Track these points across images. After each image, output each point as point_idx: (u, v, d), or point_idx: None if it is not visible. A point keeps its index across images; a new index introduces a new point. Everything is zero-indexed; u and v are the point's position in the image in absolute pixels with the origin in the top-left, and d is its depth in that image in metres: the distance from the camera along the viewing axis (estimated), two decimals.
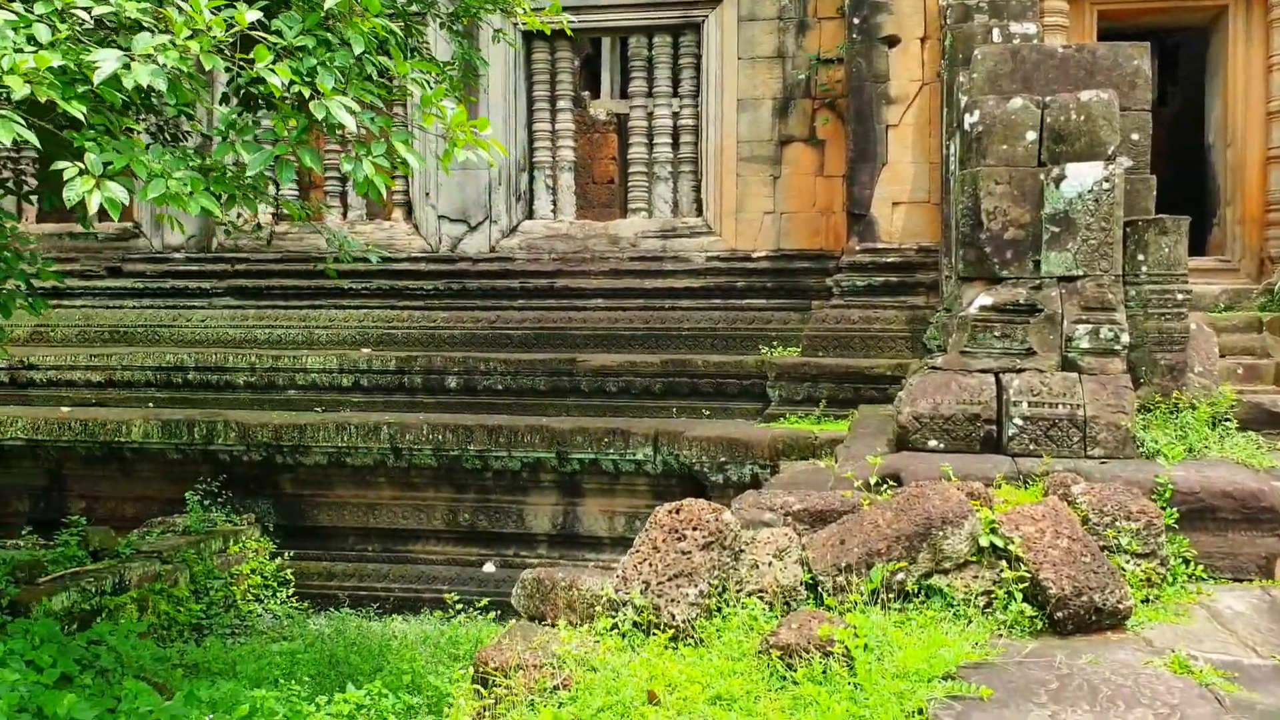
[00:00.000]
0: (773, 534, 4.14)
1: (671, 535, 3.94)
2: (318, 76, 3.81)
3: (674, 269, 10.48)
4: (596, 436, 9.22)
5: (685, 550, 3.89)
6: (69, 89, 3.36)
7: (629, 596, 3.84)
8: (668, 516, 4.02)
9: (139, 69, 3.30)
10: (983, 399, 5.91)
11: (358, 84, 4.04)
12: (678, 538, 3.93)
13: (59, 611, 7.40)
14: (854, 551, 4.05)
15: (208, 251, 11.33)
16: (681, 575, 3.84)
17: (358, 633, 8.54)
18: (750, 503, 4.39)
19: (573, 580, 4.03)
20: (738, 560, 4.01)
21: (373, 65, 4.14)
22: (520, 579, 4.25)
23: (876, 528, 4.09)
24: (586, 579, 4.03)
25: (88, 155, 3.43)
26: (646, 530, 4.02)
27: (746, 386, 9.80)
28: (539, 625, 4.06)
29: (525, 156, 10.94)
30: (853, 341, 9.59)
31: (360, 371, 10.33)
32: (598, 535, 9.44)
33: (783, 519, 4.32)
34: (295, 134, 4.05)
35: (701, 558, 3.89)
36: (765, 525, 4.27)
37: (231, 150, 3.98)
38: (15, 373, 10.90)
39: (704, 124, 10.56)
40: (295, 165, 4.22)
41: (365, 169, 4.09)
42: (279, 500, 9.91)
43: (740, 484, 8.70)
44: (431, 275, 10.78)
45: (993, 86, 6.36)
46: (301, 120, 4.05)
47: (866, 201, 9.88)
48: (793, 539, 4.14)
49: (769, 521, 4.28)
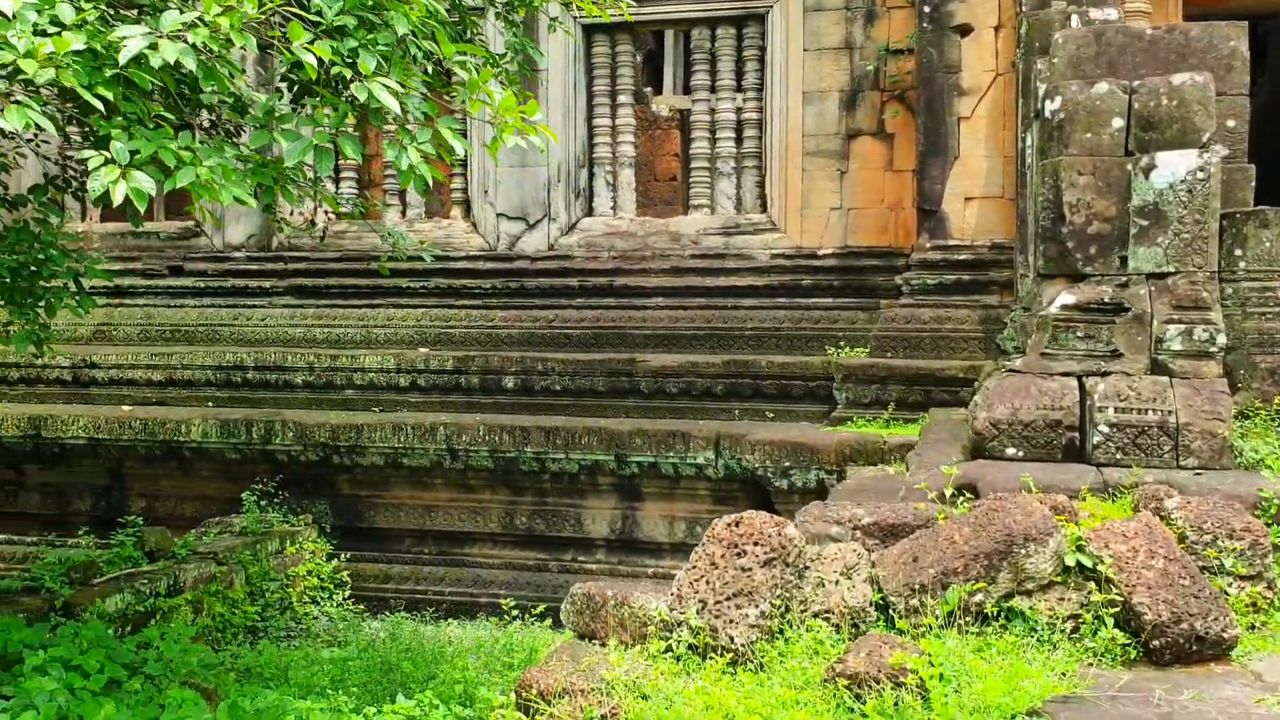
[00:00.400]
0: (840, 550, 3.85)
1: (730, 551, 3.67)
2: (359, 58, 3.59)
3: (737, 267, 10.19)
4: (656, 439, 8.97)
5: (745, 567, 3.62)
6: (96, 74, 3.19)
7: (684, 617, 3.58)
8: (726, 530, 3.75)
9: (166, 46, 3.10)
10: (1064, 404, 5.54)
11: (401, 65, 3.81)
12: (737, 554, 3.66)
13: (113, 613, 7.32)
14: (928, 570, 3.75)
15: (268, 250, 11.27)
16: (741, 594, 3.57)
17: (412, 637, 8.37)
18: (816, 515, 4.10)
19: (624, 597, 3.78)
20: (802, 578, 3.73)
21: (416, 48, 3.90)
22: (570, 594, 4.01)
23: (952, 544, 3.78)
24: (639, 596, 3.78)
25: (113, 144, 3.25)
26: (703, 545, 3.75)
27: (812, 388, 9.48)
28: (588, 644, 3.82)
29: (585, 153, 10.72)
30: (923, 342, 9.23)
31: (417, 371, 10.18)
32: (657, 541, 9.19)
33: (851, 533, 4.03)
34: (336, 120, 3.84)
35: (763, 575, 3.62)
36: (832, 540, 3.98)
37: (269, 138, 3.78)
38: (78, 371, 10.93)
39: (768, 118, 10.25)
40: (336, 155, 3.98)
41: (410, 157, 3.86)
42: (336, 501, 9.80)
43: (805, 490, 8.41)
44: (489, 274, 10.61)
45: (1075, 71, 5.98)
46: (343, 106, 3.84)
47: (937, 197, 9.51)
48: (861, 555, 3.85)
49: (836, 536, 3.99)
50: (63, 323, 11.41)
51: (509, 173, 10.66)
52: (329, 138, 3.80)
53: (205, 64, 3.31)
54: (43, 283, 5.25)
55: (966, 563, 3.73)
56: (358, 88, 3.61)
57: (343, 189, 11.27)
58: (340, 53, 3.59)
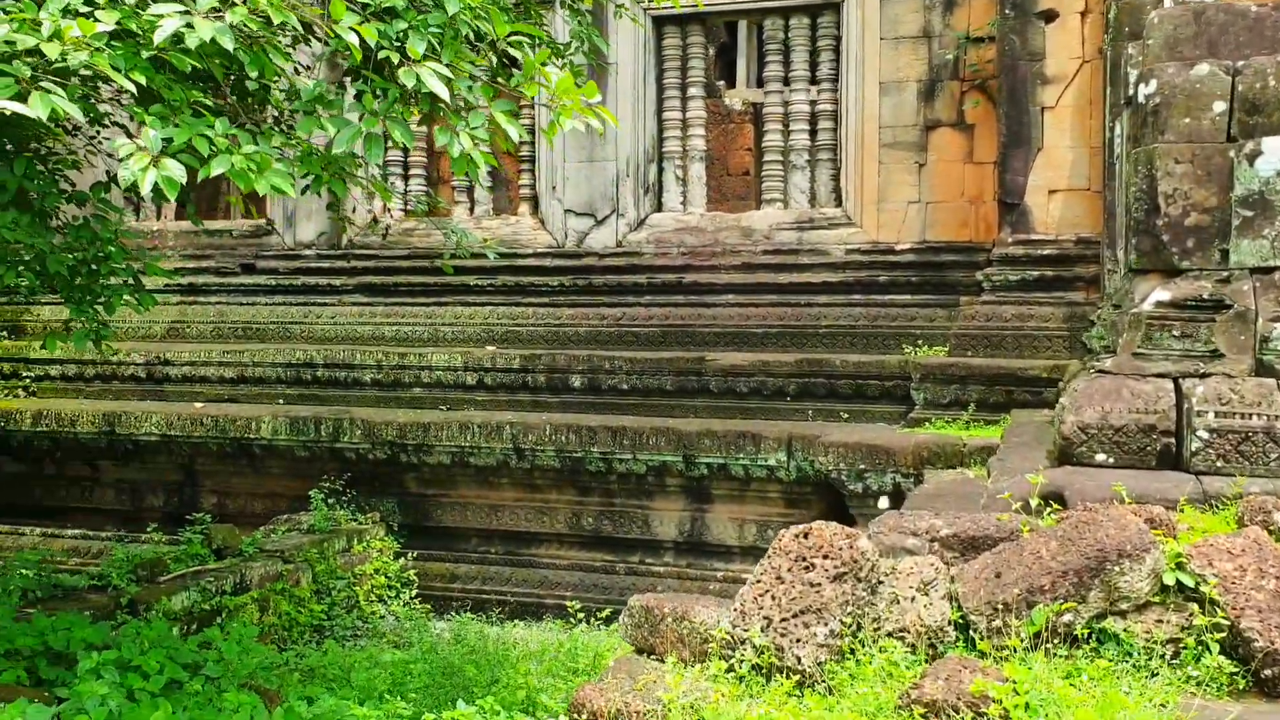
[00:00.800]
0: (916, 564, 3.60)
1: (798, 564, 3.44)
2: (408, 40, 3.42)
3: (810, 263, 9.90)
4: (725, 440, 8.74)
5: (814, 582, 3.38)
6: (133, 58, 3.06)
7: (747, 634, 3.36)
8: (794, 542, 3.51)
9: (201, 24, 2.96)
10: (1159, 408, 5.20)
11: (453, 47, 3.63)
12: (805, 567, 3.42)
13: (179, 611, 7.31)
14: (1012, 587, 3.47)
15: (338, 248, 11.25)
16: (809, 611, 3.33)
17: (477, 639, 8.26)
18: (890, 526, 3.85)
19: (685, 610, 3.57)
20: (875, 594, 3.48)
21: (468, 27, 3.72)
22: (628, 606, 3.81)
23: (1039, 559, 3.50)
24: (700, 610, 3.56)
25: (145, 131, 3.12)
26: (769, 557, 3.52)
27: (888, 388, 9.17)
28: (647, 660, 3.62)
29: (654, 147, 10.51)
30: (1005, 340, 8.86)
31: (484, 369, 10.07)
32: (727, 544, 8.96)
33: (928, 545, 3.76)
34: (385, 106, 3.67)
35: (832, 591, 3.38)
36: (908, 553, 3.72)
37: (317, 126, 3.63)
38: (152, 368, 11.03)
39: (843, 109, 9.94)
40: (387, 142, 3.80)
41: (462, 143, 3.68)
42: (403, 499, 9.73)
43: (881, 494, 8.12)
44: (556, 271, 10.46)
45: (1171, 53, 5.62)
46: (393, 90, 3.67)
47: (1020, 189, 9.13)
48: (940, 570, 3.59)
49: (912, 548, 3.73)
50: (137, 320, 11.54)
51: (577, 168, 10.50)
52: (378, 124, 3.63)
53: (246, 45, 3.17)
54: (102, 280, 5.17)
55: (1054, 580, 3.45)
56: (405, 73, 3.45)
57: (411, 186, 11.23)
58: (388, 35, 3.43)
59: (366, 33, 3.32)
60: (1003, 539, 3.75)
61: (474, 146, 3.72)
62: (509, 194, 11.39)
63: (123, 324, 11.58)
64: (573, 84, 3.75)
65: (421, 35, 3.47)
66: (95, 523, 10.70)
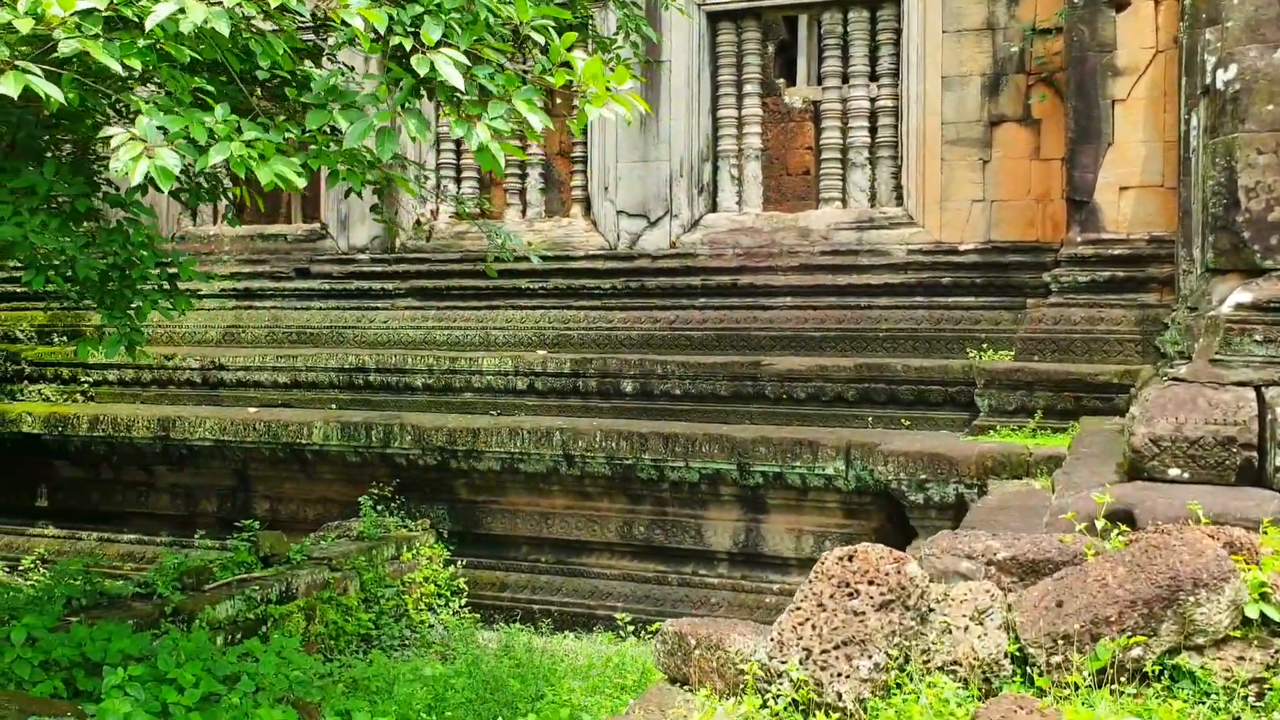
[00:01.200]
0: (970, 590, 3.32)
1: (841, 590, 3.19)
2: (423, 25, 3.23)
3: (870, 264, 9.59)
4: (781, 447, 8.46)
5: (857, 610, 3.13)
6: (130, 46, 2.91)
7: (785, 667, 3.11)
8: (837, 566, 3.26)
9: (194, 7, 2.80)
10: (1239, 418, 4.85)
11: (472, 32, 3.43)
12: (848, 594, 3.17)
13: (223, 621, 7.23)
14: (1074, 617, 3.19)
15: (390, 252, 11.18)
16: (851, 642, 3.08)
17: (525, 651, 8.09)
18: (943, 548, 3.58)
19: (719, 639, 3.33)
20: (924, 623, 3.22)
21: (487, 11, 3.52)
22: (660, 632, 3.58)
23: (1104, 587, 3.21)
24: (736, 638, 3.33)
25: (139, 119, 2.98)
26: (810, 582, 3.27)
27: (951, 394, 8.84)
28: (679, 690, 3.39)
29: (709, 146, 10.27)
30: (1073, 344, 8.48)
31: (535, 374, 9.91)
32: (783, 556, 8.68)
33: (984, 569, 3.49)
34: (401, 96, 3.48)
35: (877, 620, 3.12)
36: (961, 577, 3.45)
37: (328, 118, 3.46)
38: (207, 373, 11.04)
39: (904, 105, 9.61)
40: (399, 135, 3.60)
41: (480, 134, 3.47)
42: (454, 506, 9.60)
43: (943, 505, 7.80)
44: (609, 274, 10.26)
45: (1253, 36, 5.25)
46: (408, 81, 3.48)
47: (1089, 186, 8.74)
48: (996, 597, 3.31)
49: (966, 573, 3.46)
50: (194, 324, 11.59)
51: (629, 168, 10.30)
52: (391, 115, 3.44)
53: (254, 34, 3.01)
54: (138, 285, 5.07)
55: (1121, 610, 3.16)
56: (419, 60, 3.25)
57: (464, 188, 11.11)
58: (401, 21, 3.24)
59: (374, 17, 3.14)
60: (1065, 563, 3.46)
61: (492, 138, 3.51)
62: (561, 195, 11.22)
63: (179, 328, 11.64)
64: (601, 69, 3.53)
65: (438, 20, 3.28)
66: (151, 528, 10.75)
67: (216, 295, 11.70)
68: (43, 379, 11.59)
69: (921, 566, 3.44)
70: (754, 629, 3.40)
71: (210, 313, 11.69)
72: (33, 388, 11.53)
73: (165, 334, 11.66)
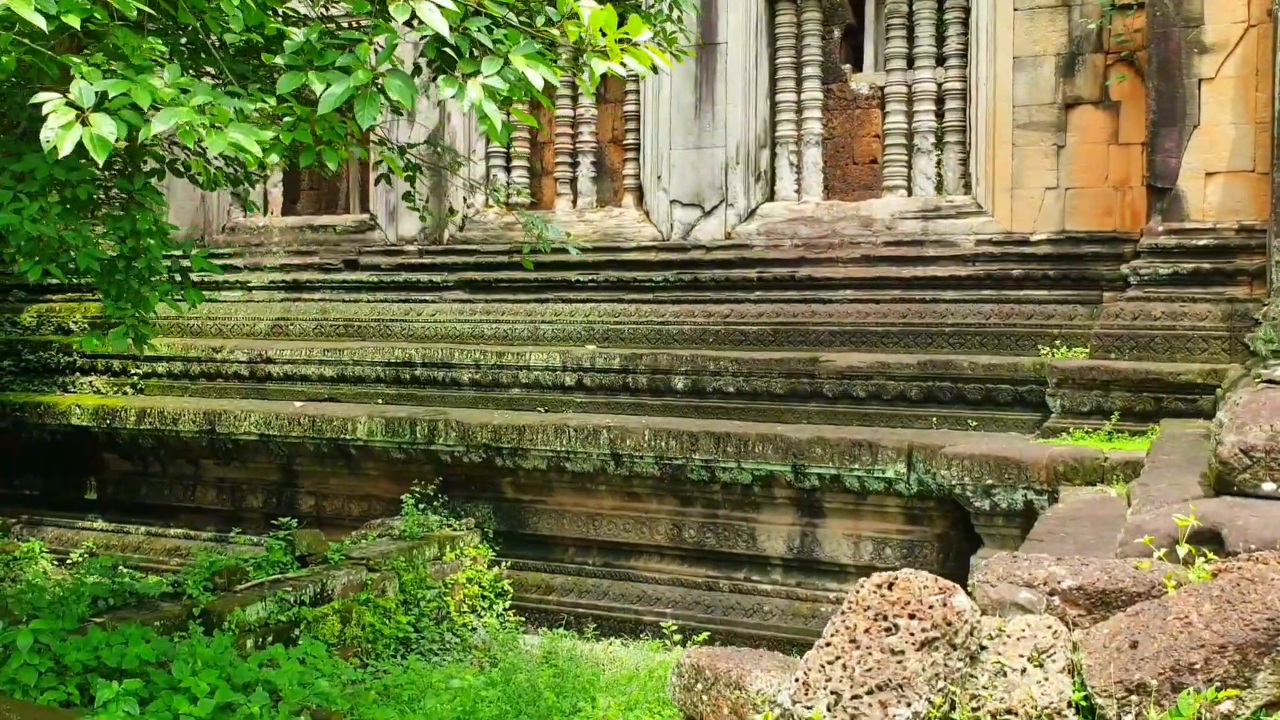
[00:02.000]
0: (1029, 626, 2.90)
1: (877, 625, 2.78)
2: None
3: (936, 255, 9.09)
4: (839, 449, 8.02)
5: (896, 649, 2.72)
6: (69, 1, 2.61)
7: (810, 713, 2.72)
8: (874, 595, 2.85)
9: None
10: None
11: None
12: (886, 629, 2.76)
13: (254, 623, 7.00)
14: (1152, 662, 2.74)
15: (439, 243, 10.92)
16: (888, 686, 2.68)
17: (568, 659, 7.77)
18: (999, 574, 3.14)
19: (740, 675, 2.95)
20: (974, 664, 2.80)
21: None
22: (676, 665, 3.21)
23: (1188, 627, 2.76)
24: (759, 675, 2.94)
25: (75, 84, 2.67)
26: (843, 614, 2.87)
27: (1021, 393, 8.32)
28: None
29: (766, 132, 9.83)
30: (1153, 341, 7.92)
31: (583, 370, 9.57)
32: (840, 562, 8.24)
33: (1045, 600, 3.05)
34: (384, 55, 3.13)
35: (919, 661, 2.71)
36: (1019, 609, 3.02)
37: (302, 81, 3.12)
38: (255, 366, 10.88)
39: (973, 87, 9.09)
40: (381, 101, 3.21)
41: (472, 93, 3.10)
42: (499, 505, 9.31)
43: (1010, 512, 7.31)
44: (661, 265, 9.88)
45: None
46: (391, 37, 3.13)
47: (1172, 172, 8.15)
48: (1059, 635, 2.88)
49: (1025, 604, 3.03)
50: (242, 316, 11.46)
51: (683, 155, 9.90)
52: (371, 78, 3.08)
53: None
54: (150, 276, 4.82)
55: (1208, 655, 2.71)
56: (398, 7, 2.89)
57: (514, 176, 10.81)
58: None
59: None
60: (1141, 595, 3.02)
61: (486, 98, 3.12)
62: (613, 185, 10.86)
63: (228, 321, 11.52)
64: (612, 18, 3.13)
65: None
66: (198, 522, 10.63)
67: (266, 287, 11.55)
68: (94, 371, 11.54)
69: (973, 596, 3.02)
70: (781, 664, 3.01)
71: (260, 305, 11.54)
72: (84, 379, 11.48)
73: (215, 326, 11.54)
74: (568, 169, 10.60)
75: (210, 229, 11.92)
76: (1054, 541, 5.26)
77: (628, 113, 10.32)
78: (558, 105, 10.53)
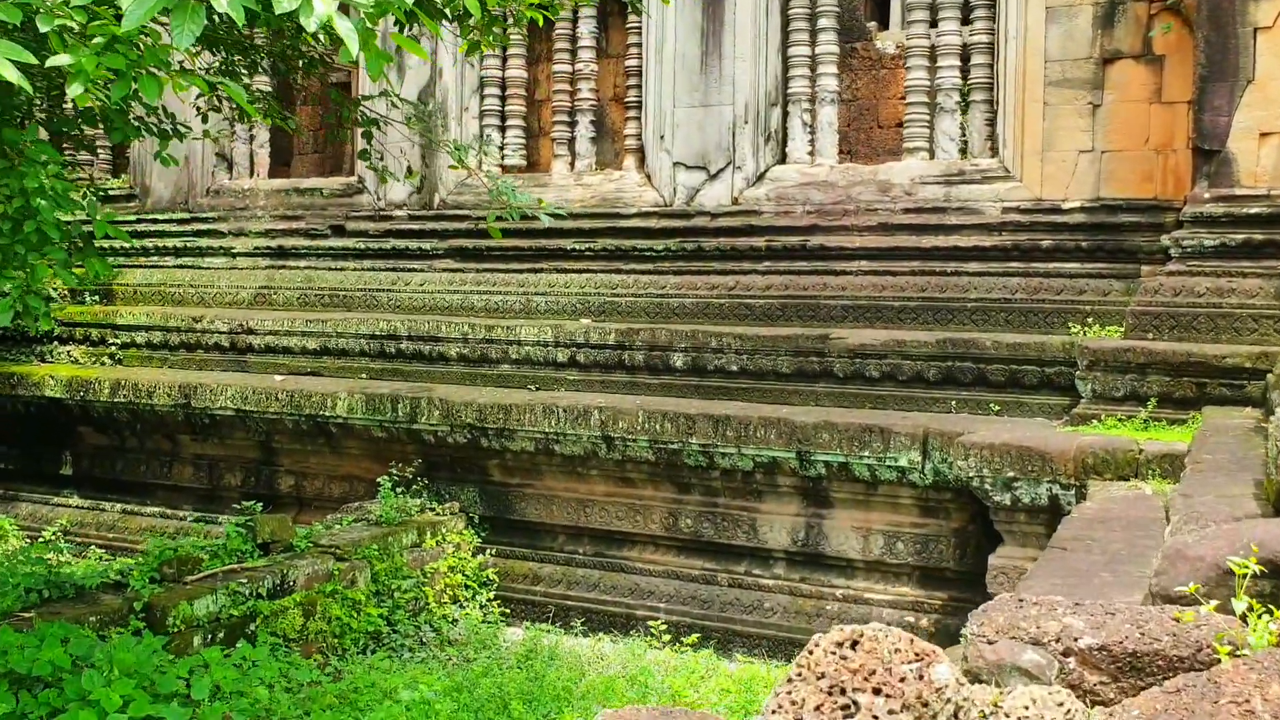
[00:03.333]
0: (1035, 701, 2.22)
1: (831, 700, 2.12)
2: None
3: (959, 223, 8.35)
4: (847, 434, 7.35)
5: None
6: None
7: None
8: (830, 659, 2.18)
9: None
10: None
11: None
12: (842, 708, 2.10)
13: (202, 618, 6.43)
14: None
15: (430, 208, 10.27)
16: None
17: (549, 657, 7.19)
18: (999, 626, 2.47)
19: None
20: None
21: None
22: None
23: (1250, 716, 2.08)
24: None
25: None
26: (792, 680, 2.21)
27: (1049, 376, 7.61)
28: None
29: (778, 89, 9.08)
30: (1197, 320, 7.16)
31: (577, 345, 8.92)
32: (848, 557, 7.58)
33: (1057, 663, 2.38)
34: None
35: None
36: (1023, 675, 2.35)
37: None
38: (235, 337, 10.31)
39: (1001, 41, 8.30)
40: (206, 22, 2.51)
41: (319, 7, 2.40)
42: (485, 488, 8.70)
43: (1033, 508, 6.62)
44: (662, 233, 9.18)
45: None
46: None
47: (1222, 132, 7.36)
48: (1075, 713, 2.21)
49: (1030, 669, 2.36)
50: (224, 284, 10.88)
51: (688, 114, 9.17)
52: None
53: None
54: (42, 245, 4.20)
55: None
56: None
57: (509, 136, 10.12)
58: None
59: None
60: (1183, 660, 2.34)
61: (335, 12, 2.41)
62: (614, 146, 10.15)
63: (210, 288, 10.96)
64: None
65: None
66: (175, 500, 10.11)
67: (250, 253, 10.97)
68: (72, 340, 11.02)
69: (965, 656, 2.36)
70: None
71: (244, 272, 10.95)
72: (61, 349, 10.97)
73: (197, 294, 10.98)
74: (566, 129, 9.90)
75: (194, 191, 11.32)
76: (1079, 550, 4.59)
77: (629, 67, 9.59)
78: (555, 61, 9.83)
